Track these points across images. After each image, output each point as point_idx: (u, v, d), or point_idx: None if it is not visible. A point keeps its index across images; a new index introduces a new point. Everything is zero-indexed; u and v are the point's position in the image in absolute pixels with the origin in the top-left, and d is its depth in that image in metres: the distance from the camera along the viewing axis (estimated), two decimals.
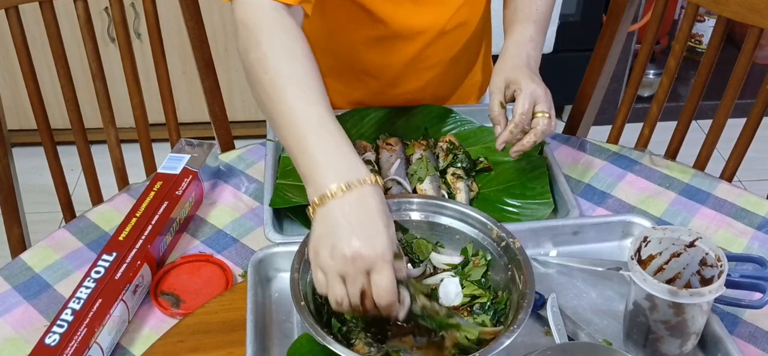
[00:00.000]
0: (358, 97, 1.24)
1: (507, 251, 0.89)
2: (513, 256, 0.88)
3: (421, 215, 0.94)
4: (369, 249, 0.75)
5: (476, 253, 0.92)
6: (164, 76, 1.38)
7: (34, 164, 1.83)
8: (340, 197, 0.77)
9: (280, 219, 1.05)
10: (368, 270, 0.76)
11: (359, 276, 0.76)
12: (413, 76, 1.21)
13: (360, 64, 1.20)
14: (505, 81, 1.03)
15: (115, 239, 0.97)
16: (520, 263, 0.86)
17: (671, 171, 1.20)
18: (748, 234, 1.08)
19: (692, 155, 1.36)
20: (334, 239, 0.76)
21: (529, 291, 0.82)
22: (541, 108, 1.01)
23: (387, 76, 1.21)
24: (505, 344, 0.77)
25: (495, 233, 0.91)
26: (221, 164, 1.19)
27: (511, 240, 0.88)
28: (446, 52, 1.21)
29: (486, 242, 0.91)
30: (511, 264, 0.88)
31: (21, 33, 1.25)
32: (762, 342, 0.92)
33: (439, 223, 0.94)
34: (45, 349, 0.83)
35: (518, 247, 0.87)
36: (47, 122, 1.30)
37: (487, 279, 0.90)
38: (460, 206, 0.94)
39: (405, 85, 1.22)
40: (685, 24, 1.33)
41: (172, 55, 2.35)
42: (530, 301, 0.81)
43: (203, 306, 0.93)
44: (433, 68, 1.21)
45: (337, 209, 0.76)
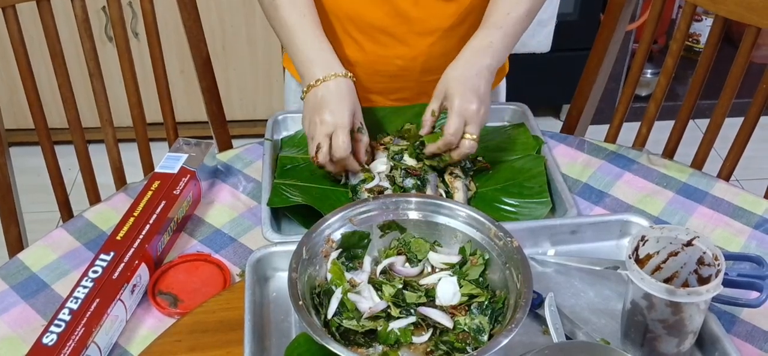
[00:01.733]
0: (350, 54, 1.23)
1: (505, 251, 0.89)
2: (511, 255, 0.88)
3: (419, 214, 0.95)
4: (331, 118, 1.05)
5: (474, 252, 0.92)
6: (162, 76, 1.38)
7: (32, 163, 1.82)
8: (320, 84, 1.07)
9: (278, 219, 1.05)
10: (329, 134, 1.05)
11: (322, 138, 1.05)
12: (408, 39, 1.20)
13: (354, 18, 1.20)
14: (445, 90, 1.08)
15: (113, 238, 0.97)
16: (518, 262, 0.86)
17: (669, 170, 1.20)
18: (746, 233, 1.09)
19: (690, 154, 1.37)
20: (310, 113, 1.08)
21: (526, 290, 0.82)
22: (469, 130, 1.05)
23: (377, 36, 1.20)
24: (503, 343, 0.77)
25: (493, 233, 0.91)
26: (219, 163, 1.19)
27: (509, 240, 0.88)
28: (445, 20, 1.20)
29: (484, 242, 0.91)
30: (509, 264, 0.88)
31: (18, 32, 1.25)
32: (759, 340, 0.92)
33: (437, 222, 0.94)
34: (42, 349, 0.83)
35: (516, 246, 0.88)
36: (45, 121, 1.30)
37: (485, 278, 0.91)
38: (458, 205, 0.94)
39: (398, 48, 1.21)
40: (682, 23, 1.33)
41: (170, 54, 2.35)
42: (528, 301, 0.81)
43: (201, 306, 0.93)
44: (430, 34, 1.20)
45: (318, 92, 1.07)
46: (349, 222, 0.92)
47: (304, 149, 1.17)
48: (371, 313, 0.85)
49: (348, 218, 0.92)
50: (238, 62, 2.49)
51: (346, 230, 0.92)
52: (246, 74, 2.52)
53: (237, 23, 2.41)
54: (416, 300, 0.88)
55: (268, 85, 2.54)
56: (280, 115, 1.23)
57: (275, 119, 1.22)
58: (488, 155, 1.15)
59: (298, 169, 1.13)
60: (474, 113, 1.05)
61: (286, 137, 1.22)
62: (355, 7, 1.19)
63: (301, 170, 1.12)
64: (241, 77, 2.52)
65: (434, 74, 1.22)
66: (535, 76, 2.40)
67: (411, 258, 0.94)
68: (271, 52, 2.47)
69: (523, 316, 0.80)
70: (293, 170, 1.12)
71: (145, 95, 1.39)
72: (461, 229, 0.93)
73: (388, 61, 1.22)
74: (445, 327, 0.86)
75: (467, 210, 0.93)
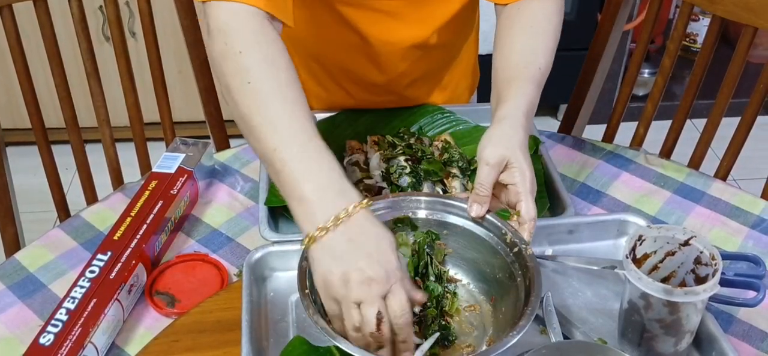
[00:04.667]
0: (340, 101, 1.23)
1: (518, 258, 0.87)
2: (523, 262, 0.85)
3: (431, 213, 0.92)
4: (381, 272, 0.75)
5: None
6: (159, 75, 1.38)
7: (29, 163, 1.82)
8: (333, 229, 0.76)
9: (275, 218, 1.05)
10: (383, 293, 0.75)
11: (376, 301, 0.74)
12: (394, 88, 1.20)
13: (342, 71, 1.20)
14: (506, 159, 0.86)
15: (110, 238, 0.97)
16: (530, 269, 0.84)
17: (666, 170, 1.20)
18: (743, 233, 1.09)
19: (687, 154, 1.37)
20: (344, 267, 0.75)
21: (534, 297, 0.81)
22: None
23: (368, 84, 1.20)
24: (508, 346, 0.76)
25: (508, 239, 0.88)
26: (216, 163, 1.19)
27: (524, 246, 0.86)
28: (429, 66, 1.20)
29: (499, 246, 0.89)
30: (521, 270, 0.86)
31: (15, 31, 1.24)
32: (756, 340, 0.92)
33: (450, 222, 0.91)
34: (39, 349, 0.83)
35: (530, 254, 0.85)
36: (41, 121, 1.30)
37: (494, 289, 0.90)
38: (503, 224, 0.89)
39: (385, 95, 1.21)
40: (679, 23, 1.33)
41: (167, 54, 2.35)
42: (534, 309, 0.79)
43: (198, 306, 0.93)
44: (414, 84, 1.21)
45: (340, 237, 0.76)
46: None
47: None
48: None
49: None
50: None
51: None
52: None
53: None
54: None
55: None
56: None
57: None
58: None
59: None
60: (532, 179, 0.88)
61: None
62: (347, 63, 1.18)
63: None
64: None
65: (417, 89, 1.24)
66: None
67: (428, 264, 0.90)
68: None
69: (527, 323, 0.77)
70: None
71: (143, 95, 1.39)
72: (475, 231, 0.90)
73: (375, 103, 1.23)
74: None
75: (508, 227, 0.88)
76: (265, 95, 0.81)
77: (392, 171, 1.08)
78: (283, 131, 0.80)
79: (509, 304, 0.87)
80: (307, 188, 0.78)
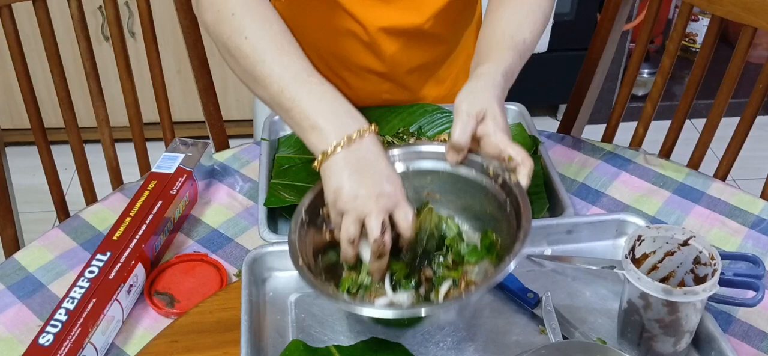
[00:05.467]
0: None
1: (504, 188, 0.87)
2: (510, 191, 0.86)
3: (404, 165, 0.92)
4: (390, 188, 0.82)
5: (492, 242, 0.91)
6: (158, 75, 1.38)
7: (28, 163, 1.82)
8: (346, 147, 0.82)
9: (274, 219, 1.05)
10: (390, 208, 0.82)
11: (381, 213, 0.81)
12: (392, 76, 1.20)
13: (338, 59, 1.19)
14: (480, 109, 0.88)
15: (109, 238, 0.97)
16: (517, 197, 0.85)
17: (665, 170, 1.20)
18: (742, 233, 1.09)
19: (686, 154, 1.37)
20: (354, 182, 0.81)
21: (525, 222, 0.81)
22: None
23: (365, 72, 1.20)
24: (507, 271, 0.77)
25: (491, 171, 0.88)
26: (216, 163, 1.19)
27: (508, 175, 0.86)
28: (426, 56, 1.20)
29: (484, 181, 0.89)
30: (509, 198, 0.87)
31: (14, 31, 1.24)
32: (755, 340, 0.92)
33: (432, 169, 0.92)
34: (39, 349, 0.83)
35: (515, 182, 0.86)
36: (41, 121, 1.30)
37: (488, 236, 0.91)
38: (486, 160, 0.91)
39: (383, 83, 1.21)
40: (679, 23, 1.33)
41: (167, 54, 2.35)
42: (526, 232, 0.80)
43: (198, 306, 0.93)
44: (412, 74, 1.21)
45: (348, 159, 0.82)
46: None
47: (301, 148, 1.17)
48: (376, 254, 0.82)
49: None
50: None
51: None
52: None
53: None
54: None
55: None
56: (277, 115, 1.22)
57: (272, 118, 1.22)
58: None
59: (295, 169, 1.12)
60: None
61: (283, 136, 1.22)
62: (343, 50, 1.17)
63: (298, 170, 1.12)
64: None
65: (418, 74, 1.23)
66: (531, 76, 2.39)
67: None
68: None
69: (521, 247, 0.79)
70: (290, 170, 1.12)
71: (142, 95, 1.39)
72: (459, 173, 0.91)
73: (375, 95, 1.22)
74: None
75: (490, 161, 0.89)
76: (262, 46, 0.88)
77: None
78: (285, 73, 0.87)
79: (503, 234, 0.88)
80: (319, 118, 0.84)
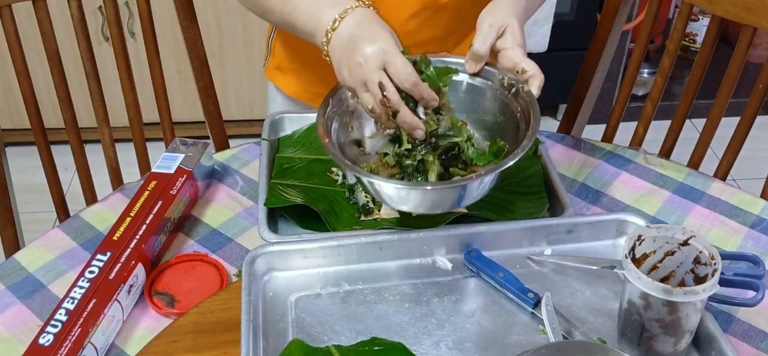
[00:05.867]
0: None
1: (516, 98, 0.95)
2: (522, 99, 0.95)
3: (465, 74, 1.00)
4: (374, 47, 0.89)
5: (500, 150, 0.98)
6: (158, 75, 1.38)
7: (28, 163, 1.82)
8: (339, 26, 0.92)
9: (274, 219, 1.05)
10: (382, 66, 0.89)
11: (375, 74, 0.88)
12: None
13: None
14: (501, 24, 0.95)
15: (110, 238, 0.97)
16: (528, 104, 0.94)
17: (665, 170, 1.20)
18: (742, 233, 1.09)
19: (686, 154, 1.37)
20: (346, 59, 0.90)
21: (534, 121, 0.91)
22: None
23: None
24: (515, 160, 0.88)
25: (506, 82, 0.97)
26: (216, 163, 1.19)
27: (521, 85, 0.95)
28: (436, 30, 1.18)
29: (498, 92, 0.98)
30: (520, 105, 0.95)
31: (14, 31, 1.24)
32: (756, 340, 0.92)
33: (454, 80, 0.99)
34: (39, 349, 0.83)
35: (527, 90, 0.95)
36: (41, 121, 1.30)
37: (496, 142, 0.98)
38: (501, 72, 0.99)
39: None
40: (679, 23, 1.33)
41: (167, 54, 2.35)
42: (534, 131, 0.90)
43: (198, 306, 0.93)
44: (422, 46, 1.18)
45: (340, 36, 0.92)
46: None
47: (301, 148, 1.17)
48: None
49: None
50: (234, 62, 2.49)
51: None
52: (243, 74, 2.52)
53: (234, 23, 2.41)
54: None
55: (265, 85, 2.52)
56: (277, 115, 1.22)
57: (272, 118, 1.22)
58: None
59: (295, 169, 1.13)
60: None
61: (283, 136, 1.22)
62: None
63: (298, 170, 1.12)
64: (238, 77, 2.52)
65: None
66: None
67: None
68: None
69: (529, 143, 0.89)
70: (290, 170, 1.12)
71: (142, 95, 1.39)
72: (473, 83, 0.99)
73: None
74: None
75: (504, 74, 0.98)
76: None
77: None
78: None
79: (511, 142, 0.96)
80: (315, 17, 0.95)
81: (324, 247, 0.96)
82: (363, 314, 0.91)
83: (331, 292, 0.93)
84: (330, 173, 1.12)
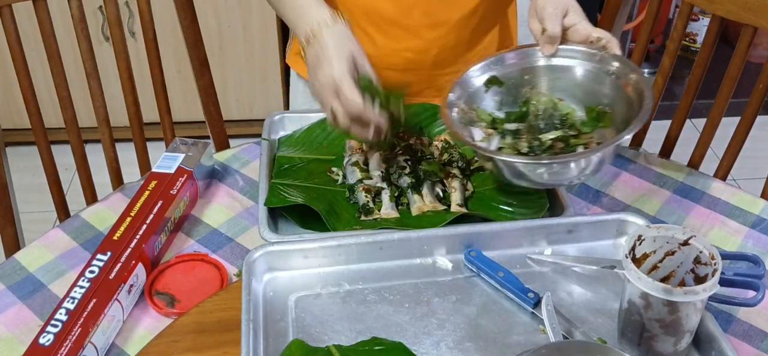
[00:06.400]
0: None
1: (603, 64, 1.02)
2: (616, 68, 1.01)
3: (543, 59, 1.05)
4: (328, 75, 0.98)
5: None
6: (159, 75, 1.38)
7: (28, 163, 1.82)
8: (311, 43, 1.01)
9: (275, 219, 1.05)
10: (334, 92, 0.98)
11: (329, 98, 0.99)
12: (420, 31, 1.19)
13: (362, 12, 1.19)
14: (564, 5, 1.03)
15: (110, 238, 0.97)
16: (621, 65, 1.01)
17: (665, 170, 1.20)
18: (742, 232, 1.09)
19: (686, 154, 1.37)
20: (312, 76, 1.02)
21: (647, 100, 0.94)
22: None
23: (389, 29, 1.19)
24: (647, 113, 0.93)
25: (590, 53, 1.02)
26: (216, 163, 1.19)
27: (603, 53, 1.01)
28: (457, 12, 1.18)
29: (580, 63, 1.03)
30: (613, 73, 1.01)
31: (15, 31, 1.25)
32: (756, 340, 0.92)
33: (532, 66, 1.06)
34: (39, 349, 0.83)
35: (612, 54, 1.00)
36: (41, 121, 1.30)
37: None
38: (578, 47, 1.03)
39: (409, 41, 1.20)
40: (679, 23, 1.33)
41: (167, 53, 2.35)
42: (647, 112, 0.93)
43: (198, 306, 0.93)
44: (441, 26, 1.19)
45: (311, 50, 1.01)
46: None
47: (301, 148, 1.17)
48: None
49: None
50: (235, 62, 2.49)
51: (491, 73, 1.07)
52: (243, 74, 2.52)
53: (234, 23, 2.41)
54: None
55: (265, 85, 2.54)
56: (277, 115, 1.22)
57: (272, 118, 1.22)
58: None
59: (295, 169, 1.13)
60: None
61: (283, 136, 1.22)
62: (369, 1, 1.17)
63: (298, 169, 1.12)
64: (238, 77, 2.52)
65: (444, 68, 1.22)
66: None
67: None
68: (268, 52, 2.47)
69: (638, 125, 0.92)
70: (290, 169, 1.12)
71: (142, 95, 1.39)
72: (583, 65, 1.03)
73: (399, 54, 1.21)
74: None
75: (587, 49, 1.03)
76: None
77: (392, 171, 1.08)
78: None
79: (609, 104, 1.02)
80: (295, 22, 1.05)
81: (324, 247, 0.96)
82: (363, 314, 0.91)
83: (332, 292, 0.93)
84: (330, 173, 1.12)
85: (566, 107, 1.05)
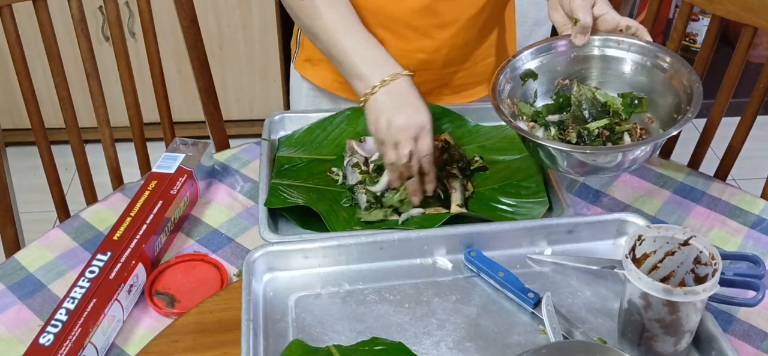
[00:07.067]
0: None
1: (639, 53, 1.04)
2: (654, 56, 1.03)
3: (596, 50, 1.06)
4: (417, 121, 1.02)
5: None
6: (159, 76, 1.38)
7: (28, 163, 1.82)
8: (386, 86, 1.03)
9: (275, 219, 1.05)
10: (415, 137, 1.01)
11: (409, 142, 1.01)
12: (431, 32, 1.19)
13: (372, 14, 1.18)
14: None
15: (110, 238, 0.97)
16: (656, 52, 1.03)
17: (665, 170, 1.20)
18: (742, 232, 1.09)
19: (687, 154, 1.37)
20: (389, 116, 1.02)
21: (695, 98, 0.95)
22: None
23: (400, 30, 1.19)
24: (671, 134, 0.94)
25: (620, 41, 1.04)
26: (216, 163, 1.19)
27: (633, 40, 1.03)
28: (467, 11, 1.19)
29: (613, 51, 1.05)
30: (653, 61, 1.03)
31: (15, 31, 1.24)
32: (756, 340, 0.92)
33: (610, 56, 1.06)
34: (39, 349, 0.83)
35: (644, 41, 1.03)
36: (41, 121, 1.30)
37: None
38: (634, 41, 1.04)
39: (420, 41, 1.20)
40: (679, 23, 1.33)
41: (167, 54, 2.35)
42: (695, 109, 0.94)
43: (198, 306, 0.93)
44: (451, 25, 1.19)
45: (386, 95, 1.03)
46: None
47: (301, 148, 1.17)
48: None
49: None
50: (235, 62, 2.49)
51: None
52: (243, 74, 2.52)
53: (234, 24, 2.41)
54: None
55: (265, 85, 2.54)
56: (277, 115, 1.22)
57: (272, 118, 1.22)
58: (486, 155, 1.15)
59: (295, 169, 1.13)
60: None
61: (283, 136, 1.22)
62: (380, 2, 1.17)
63: (298, 170, 1.12)
64: (238, 77, 2.52)
65: (455, 66, 1.23)
66: None
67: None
68: (268, 52, 2.47)
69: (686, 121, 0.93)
70: (291, 170, 1.12)
71: (142, 95, 1.39)
72: (636, 59, 1.05)
73: (411, 55, 1.20)
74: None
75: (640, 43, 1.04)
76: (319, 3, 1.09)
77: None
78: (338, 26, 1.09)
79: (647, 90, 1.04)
80: (362, 65, 1.06)
81: (324, 247, 0.96)
82: (363, 314, 0.91)
83: (332, 292, 0.93)
84: (330, 173, 1.12)
85: (604, 95, 1.06)
